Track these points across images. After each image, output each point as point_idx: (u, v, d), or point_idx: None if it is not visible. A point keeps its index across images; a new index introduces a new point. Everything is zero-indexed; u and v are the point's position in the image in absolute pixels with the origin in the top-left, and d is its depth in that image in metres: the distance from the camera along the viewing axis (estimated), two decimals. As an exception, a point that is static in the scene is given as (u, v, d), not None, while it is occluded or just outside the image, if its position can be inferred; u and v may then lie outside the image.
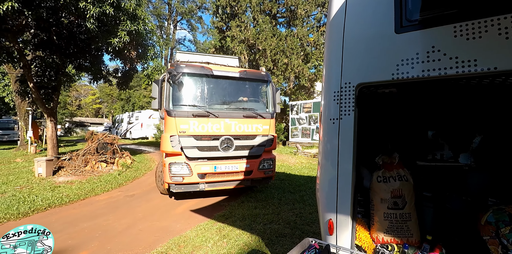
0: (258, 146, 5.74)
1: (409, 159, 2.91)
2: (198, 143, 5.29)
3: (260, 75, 6.09)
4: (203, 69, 5.50)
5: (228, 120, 5.48)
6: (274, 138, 5.97)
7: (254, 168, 5.63)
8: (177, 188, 5.21)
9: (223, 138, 5.43)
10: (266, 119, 5.85)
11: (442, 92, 2.58)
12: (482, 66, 1.59)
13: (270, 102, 6.06)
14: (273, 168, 5.93)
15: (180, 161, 5.16)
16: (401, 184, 2.12)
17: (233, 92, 5.98)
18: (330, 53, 2.24)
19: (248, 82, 6.02)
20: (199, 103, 5.46)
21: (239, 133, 5.57)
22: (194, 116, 5.23)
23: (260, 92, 6.28)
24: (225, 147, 5.45)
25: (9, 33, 9.78)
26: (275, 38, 14.06)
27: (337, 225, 1.99)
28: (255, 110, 5.77)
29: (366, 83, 1.97)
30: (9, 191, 6.44)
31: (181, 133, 5.16)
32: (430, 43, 1.74)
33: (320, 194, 2.16)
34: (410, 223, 2.08)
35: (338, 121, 2.05)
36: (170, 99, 5.25)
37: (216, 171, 5.35)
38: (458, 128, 2.95)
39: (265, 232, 4.07)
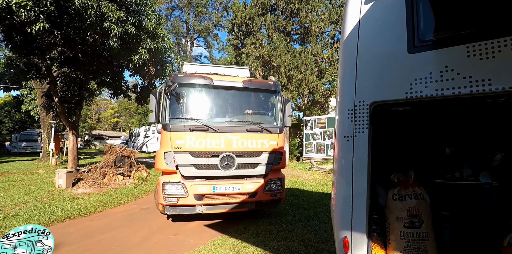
0: (264, 164, 5.11)
1: (426, 177, 2.87)
2: (195, 160, 4.77)
3: (267, 85, 5.44)
4: (202, 79, 5.02)
5: (229, 135, 4.94)
6: (283, 155, 5.30)
7: (259, 189, 4.98)
8: (171, 210, 4.73)
9: (224, 154, 4.87)
10: (274, 133, 5.20)
11: (459, 110, 2.57)
12: (496, 85, 1.60)
13: (278, 115, 5.43)
14: (281, 190, 5.19)
15: (175, 180, 4.65)
16: (417, 202, 2.09)
17: (237, 104, 5.38)
18: (344, 71, 2.30)
19: (253, 93, 5.46)
20: (198, 116, 4.95)
21: (241, 149, 4.98)
22: (191, 130, 4.75)
23: (268, 104, 5.69)
24: (226, 165, 4.88)
25: (38, 51, 10.47)
26: (289, 54, 14.32)
27: (352, 243, 1.97)
28: (260, 124, 5.16)
29: (380, 102, 2.01)
30: (31, 201, 6.67)
31: (176, 149, 4.69)
32: (443, 63, 1.78)
33: (335, 211, 2.15)
34: (428, 242, 2.03)
35: (353, 139, 2.08)
36: (166, 112, 4.82)
37: (215, 192, 4.77)
38: (478, 145, 2.90)
39: (279, 249, 4.01)
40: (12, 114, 29.88)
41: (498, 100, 2.03)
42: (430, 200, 2.38)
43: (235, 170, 4.95)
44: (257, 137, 5.10)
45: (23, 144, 23.66)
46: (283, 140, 5.39)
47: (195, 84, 5.03)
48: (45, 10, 8.27)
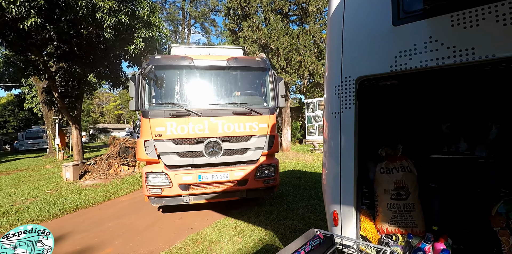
0: (254, 149, 4.76)
1: (420, 151, 2.89)
2: (178, 148, 4.47)
3: (255, 63, 4.94)
4: (181, 59, 4.63)
5: (214, 119, 4.55)
6: (275, 139, 4.91)
7: (249, 177, 4.67)
8: (157, 202, 4.54)
9: (209, 140, 4.53)
10: (263, 115, 4.75)
11: (449, 82, 2.55)
12: (480, 54, 1.59)
13: (269, 95, 4.96)
14: (275, 176, 4.85)
15: (158, 170, 4.41)
16: (404, 175, 2.13)
17: (222, 85, 4.92)
18: (330, 48, 2.28)
19: (240, 72, 4.97)
20: (179, 100, 4.60)
21: (228, 134, 4.62)
22: (171, 116, 4.41)
23: (257, 84, 5.18)
24: (211, 151, 4.56)
25: (34, 47, 10.41)
26: (288, 36, 14.04)
27: (342, 216, 2.03)
28: (248, 106, 4.73)
29: (366, 77, 2.00)
30: (41, 195, 6.87)
31: (156, 137, 4.39)
32: (427, 34, 1.76)
33: (325, 186, 2.20)
34: (414, 213, 2.08)
35: (340, 115, 2.09)
36: (145, 98, 4.49)
37: (201, 181, 4.51)
38: (472, 118, 2.89)
39: (279, 227, 4.13)
40: (16, 113, 30.15)
41: (484, 70, 2.01)
42: (424, 173, 2.42)
43: (222, 156, 4.62)
44: (245, 120, 4.70)
45: (29, 141, 24.02)
46: (274, 122, 4.98)
47: (174, 65, 4.65)
48: (36, 5, 8.16)
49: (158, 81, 4.63)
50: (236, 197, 4.77)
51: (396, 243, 2.03)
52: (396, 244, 2.04)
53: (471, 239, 2.19)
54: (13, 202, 6.32)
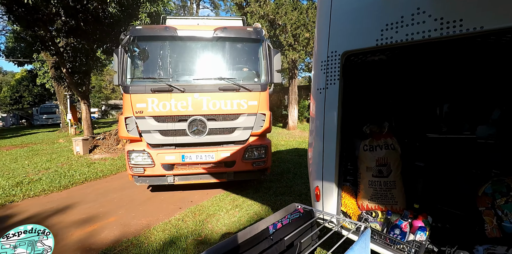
0: (242, 129, 4.46)
1: (417, 130, 2.85)
2: (160, 126, 4.26)
3: (246, 33, 4.46)
4: (164, 30, 4.29)
5: (198, 96, 4.25)
6: (267, 117, 4.55)
7: (237, 158, 4.43)
8: (141, 181, 4.46)
9: (192, 118, 4.28)
10: (253, 92, 4.40)
11: (446, 57, 2.43)
12: (468, 26, 1.50)
13: (262, 69, 4.56)
14: (266, 158, 4.57)
15: (139, 149, 4.26)
16: (387, 152, 2.12)
17: (208, 58, 4.55)
18: (319, 23, 2.20)
19: (229, 43, 4.54)
20: (161, 75, 4.34)
21: (213, 111, 4.32)
22: (153, 91, 4.16)
23: (248, 57, 4.79)
24: (196, 130, 4.31)
25: (41, 22, 10.39)
26: (296, 11, 13.47)
27: (323, 192, 2.07)
28: (237, 81, 4.39)
29: (352, 51, 1.94)
30: (52, 167, 7.20)
31: (138, 114, 4.19)
32: (415, 5, 1.66)
33: (309, 162, 2.23)
34: (395, 191, 2.09)
35: (325, 91, 2.05)
36: (127, 72, 4.25)
37: (185, 161, 4.32)
38: (473, 98, 2.79)
39: (275, 202, 4.26)
40: (31, 88, 30.83)
41: (481, 43, 1.90)
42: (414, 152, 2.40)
43: (207, 136, 4.36)
44: (232, 97, 4.36)
45: (44, 116, 24.77)
46: (267, 99, 4.62)
47: (155, 37, 4.31)
48: None
49: (139, 54, 4.39)
50: (224, 179, 4.58)
51: (376, 220, 2.07)
52: (376, 220, 2.08)
53: (453, 218, 2.21)
54: (26, 173, 6.66)
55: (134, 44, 4.27)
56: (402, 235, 1.83)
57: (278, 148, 9.44)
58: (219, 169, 4.50)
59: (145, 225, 3.77)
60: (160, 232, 3.51)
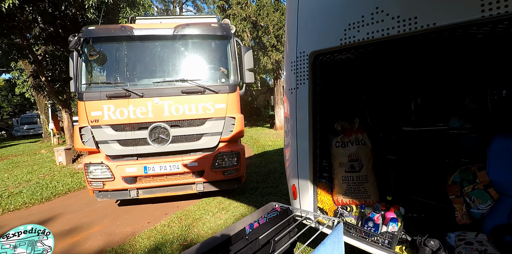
0: (210, 135, 4.07)
1: (391, 124, 2.93)
2: (119, 135, 3.90)
3: (210, 29, 4.09)
4: (119, 30, 3.95)
5: (158, 100, 3.89)
6: (238, 121, 4.15)
7: (205, 167, 4.07)
8: (102, 196, 4.14)
9: (153, 126, 3.92)
10: (221, 94, 4.02)
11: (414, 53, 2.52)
12: (422, 23, 1.56)
13: (231, 68, 4.18)
14: (238, 166, 4.20)
15: (97, 161, 3.90)
16: (358, 148, 2.17)
17: (168, 59, 4.19)
18: (288, 24, 2.24)
19: (192, 41, 4.17)
20: (118, 79, 4.01)
21: (176, 117, 3.96)
22: (108, 98, 3.81)
23: (215, 55, 4.37)
24: (158, 139, 3.95)
25: (16, 29, 10.11)
26: (278, 12, 13.60)
27: (300, 190, 2.11)
28: (202, 82, 4.03)
29: (319, 51, 1.99)
30: (34, 179, 7.01)
31: (93, 122, 3.85)
32: (374, 5, 1.72)
33: (285, 161, 2.26)
34: (367, 184, 2.15)
35: (295, 91, 2.10)
36: (81, 78, 3.92)
37: (147, 173, 3.97)
38: (443, 90, 2.89)
39: (261, 203, 4.28)
40: (10, 98, 29.93)
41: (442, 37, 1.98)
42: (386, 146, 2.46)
43: (171, 144, 3.98)
44: (197, 100, 3.99)
45: (25, 127, 24.02)
46: (237, 101, 4.24)
47: (110, 37, 3.97)
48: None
49: (94, 57, 4.04)
50: (194, 191, 4.23)
51: (351, 214, 2.12)
52: (351, 215, 2.13)
53: (426, 208, 2.29)
54: (6, 186, 6.46)
55: (89, 46, 3.93)
56: (376, 227, 1.89)
57: (265, 148, 9.48)
58: (187, 180, 4.15)
59: (130, 233, 3.72)
60: (145, 239, 3.47)
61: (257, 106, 23.47)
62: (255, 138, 12.14)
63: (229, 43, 4.21)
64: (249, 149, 9.62)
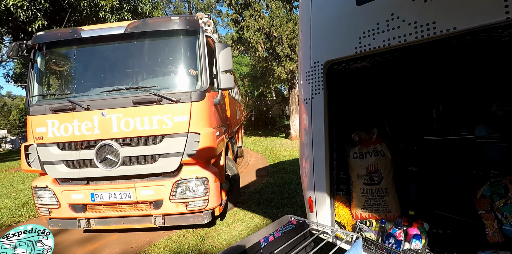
0: (169, 156, 3.20)
1: (413, 134, 2.81)
2: (64, 155, 3.30)
3: (170, 24, 3.29)
4: (67, 33, 3.39)
5: (106, 113, 3.21)
6: (205, 138, 3.22)
7: (164, 197, 3.25)
8: (53, 224, 3.52)
9: (101, 144, 3.22)
10: (181, 103, 3.19)
11: (433, 60, 2.43)
12: (441, 28, 1.51)
13: (201, 71, 3.35)
14: (208, 196, 3.28)
15: (42, 185, 3.37)
16: (376, 159, 2.08)
17: (123, 63, 3.58)
18: (301, 34, 2.24)
19: (148, 40, 3.45)
20: (66, 89, 3.53)
21: (127, 133, 3.21)
22: (53, 111, 3.27)
23: (179, 55, 3.50)
24: (106, 160, 3.24)
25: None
26: (291, 22, 13.74)
27: (316, 203, 2.03)
28: (158, 90, 3.29)
29: (333, 60, 1.95)
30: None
31: (38, 140, 3.33)
32: (389, 11, 1.68)
33: (300, 172, 2.20)
34: (388, 198, 2.05)
35: (310, 101, 2.06)
36: (32, 89, 3.50)
37: (95, 201, 3.29)
38: (468, 97, 2.76)
39: (277, 215, 4.18)
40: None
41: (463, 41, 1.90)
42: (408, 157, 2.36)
43: (121, 167, 3.23)
44: (151, 112, 3.20)
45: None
46: (205, 111, 3.35)
47: (57, 42, 3.46)
48: (42, 8, 8.46)
49: (45, 65, 3.55)
50: (153, 225, 3.40)
51: (370, 229, 2.02)
52: (370, 230, 2.02)
53: (453, 224, 2.15)
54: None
55: (40, 54, 3.54)
56: (398, 244, 1.78)
57: (280, 158, 9.39)
58: (143, 212, 3.34)
59: (146, 242, 3.72)
60: (160, 249, 3.46)
61: (272, 116, 23.49)
62: (270, 148, 12.07)
63: (198, 40, 3.39)
64: (264, 159, 9.56)
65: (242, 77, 23.73)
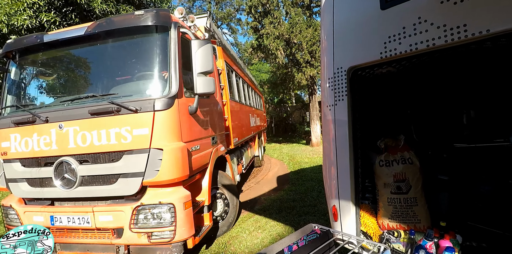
0: (128, 176, 2.69)
1: (442, 141, 2.69)
2: (25, 172, 3.00)
3: (134, 20, 2.80)
4: (30, 38, 3.13)
5: (63, 126, 2.83)
6: (169, 155, 2.65)
7: (124, 224, 2.71)
8: None
9: (59, 161, 2.83)
10: (142, 113, 2.66)
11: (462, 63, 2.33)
12: (472, 30, 1.45)
13: (171, 73, 2.81)
14: (174, 226, 2.66)
15: (7, 204, 3.13)
16: (404, 167, 2.00)
17: (89, 68, 3.30)
18: (323, 40, 2.22)
19: (113, 42, 3.03)
20: (29, 99, 3.31)
21: (84, 149, 2.78)
22: (15, 124, 3.00)
23: (147, 56, 2.99)
24: (63, 179, 2.83)
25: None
26: (311, 28, 13.74)
27: (341, 212, 1.98)
28: (121, 97, 2.81)
29: (357, 66, 1.92)
30: None
31: (3, 155, 3.10)
32: (416, 15, 1.64)
33: (324, 180, 2.16)
34: (417, 208, 1.95)
35: (334, 107, 2.03)
36: (5, 100, 3.32)
37: (54, 225, 2.89)
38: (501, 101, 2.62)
39: (299, 223, 4.11)
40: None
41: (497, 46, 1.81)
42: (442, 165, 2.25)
43: (80, 187, 2.80)
44: (108, 124, 2.72)
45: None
46: (173, 122, 2.78)
47: (22, 50, 3.20)
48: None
49: (16, 75, 3.34)
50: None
51: (398, 240, 1.93)
52: (398, 241, 1.93)
53: (489, 237, 2.01)
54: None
55: (14, 63, 3.34)
56: (429, 257, 1.68)
57: (301, 165, 9.26)
58: (104, 240, 2.84)
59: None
60: (183, 256, 3.48)
61: (292, 122, 23.35)
62: (291, 155, 11.96)
63: (169, 37, 2.87)
64: (284, 166, 9.48)
65: (262, 84, 23.87)
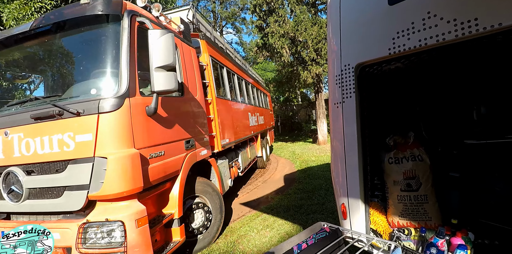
0: (73, 189, 2.35)
1: (452, 137, 2.66)
2: None
3: (78, 10, 2.50)
4: None
5: (9, 133, 2.56)
6: (118, 164, 2.27)
7: (72, 243, 2.29)
8: None
9: (6, 171, 2.57)
10: (85, 116, 2.31)
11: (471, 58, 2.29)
12: (484, 24, 1.42)
13: (121, 69, 2.43)
14: (125, 247, 2.23)
15: None
16: (414, 164, 1.97)
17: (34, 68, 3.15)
18: (330, 37, 2.20)
19: (61, 37, 2.75)
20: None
21: (28, 158, 2.49)
22: None
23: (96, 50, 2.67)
24: (10, 191, 2.57)
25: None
26: (316, 26, 13.64)
27: (350, 209, 1.97)
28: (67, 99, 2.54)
29: (365, 63, 1.90)
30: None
31: None
32: (425, 9, 1.62)
33: (332, 178, 2.14)
34: (427, 205, 1.92)
35: (341, 105, 2.01)
36: None
37: None
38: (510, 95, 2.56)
39: (307, 221, 4.10)
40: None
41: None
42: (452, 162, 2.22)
43: (27, 201, 2.51)
44: (52, 130, 2.40)
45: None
46: (123, 125, 2.39)
47: None
48: None
49: None
50: None
51: (409, 238, 1.90)
52: (409, 239, 1.91)
53: (502, 234, 1.97)
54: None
55: None
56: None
57: (308, 164, 9.23)
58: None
59: (177, 248, 3.79)
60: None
61: (298, 121, 23.27)
62: (297, 153, 11.92)
63: (121, 27, 2.51)
64: (292, 165, 9.46)
65: (268, 83, 23.83)
